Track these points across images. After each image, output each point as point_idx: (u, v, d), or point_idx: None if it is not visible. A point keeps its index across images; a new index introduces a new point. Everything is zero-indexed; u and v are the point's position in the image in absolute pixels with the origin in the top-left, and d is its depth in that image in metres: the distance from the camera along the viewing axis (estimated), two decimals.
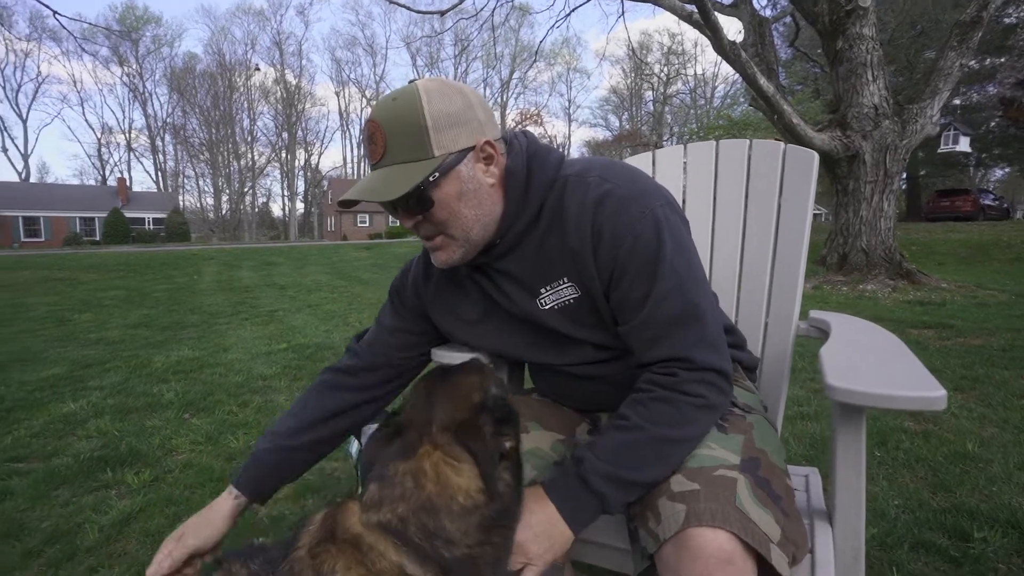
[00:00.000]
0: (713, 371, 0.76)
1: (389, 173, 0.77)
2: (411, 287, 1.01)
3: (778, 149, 1.32)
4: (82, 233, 33.49)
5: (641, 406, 0.76)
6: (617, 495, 0.74)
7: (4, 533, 1.65)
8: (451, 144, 0.77)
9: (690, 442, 0.76)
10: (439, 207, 0.78)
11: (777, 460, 0.80)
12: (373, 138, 0.78)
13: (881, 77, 6.72)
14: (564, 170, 0.85)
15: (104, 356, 3.93)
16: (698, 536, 0.65)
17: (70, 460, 2.12)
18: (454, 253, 0.83)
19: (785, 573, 0.66)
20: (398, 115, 0.76)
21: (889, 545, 1.44)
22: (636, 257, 0.76)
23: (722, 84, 46.67)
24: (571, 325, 0.86)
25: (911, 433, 2.17)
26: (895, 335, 1.00)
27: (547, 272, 0.85)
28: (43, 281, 9.70)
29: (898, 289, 6.24)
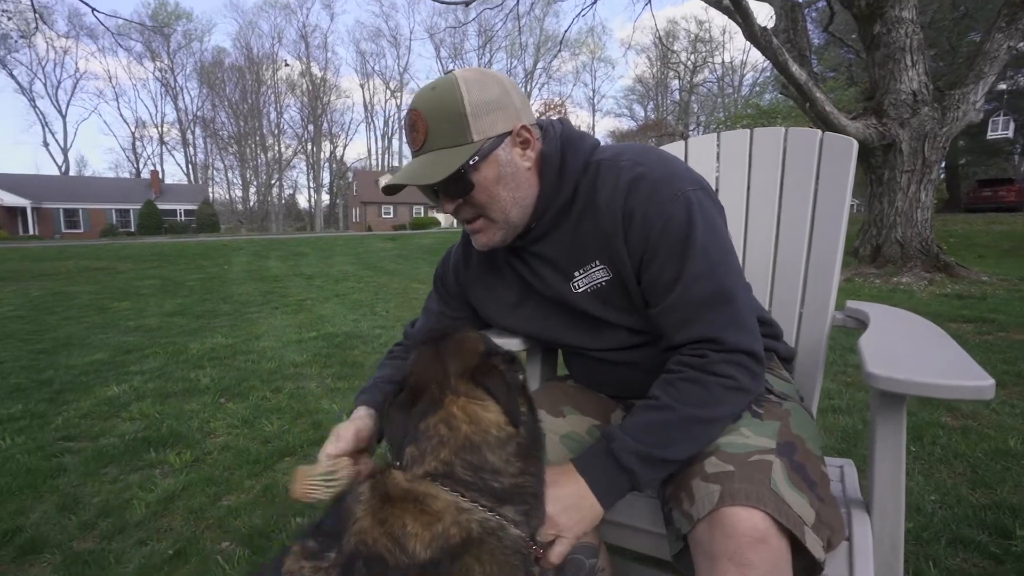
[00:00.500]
0: (743, 353, 0.76)
1: (431, 158, 0.79)
2: (452, 273, 1.04)
3: (815, 137, 1.29)
4: (118, 224, 34.66)
5: (671, 386, 0.77)
6: (646, 472, 0.75)
7: (61, 506, 1.74)
8: (489, 129, 0.79)
9: (720, 422, 0.77)
10: (479, 190, 0.81)
11: (813, 447, 0.80)
12: (415, 126, 0.80)
13: (921, 62, 6.46)
14: (597, 155, 0.87)
15: (143, 342, 4.08)
16: (732, 515, 0.65)
17: (116, 440, 2.23)
18: (494, 235, 0.86)
19: (819, 556, 0.67)
20: (438, 103, 0.79)
21: (925, 540, 1.41)
22: (667, 238, 0.78)
23: (750, 72, 45.52)
24: (603, 308, 0.88)
25: (948, 428, 2.12)
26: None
27: (580, 255, 0.87)
28: (84, 271, 10.09)
29: (934, 282, 6.04)
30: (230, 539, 1.55)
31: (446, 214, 0.93)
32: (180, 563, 1.45)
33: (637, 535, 0.88)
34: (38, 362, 3.57)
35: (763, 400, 0.84)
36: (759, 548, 0.64)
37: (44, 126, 62.14)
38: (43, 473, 1.96)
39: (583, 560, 0.86)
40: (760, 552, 0.64)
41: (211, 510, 1.71)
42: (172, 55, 55.31)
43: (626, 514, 0.89)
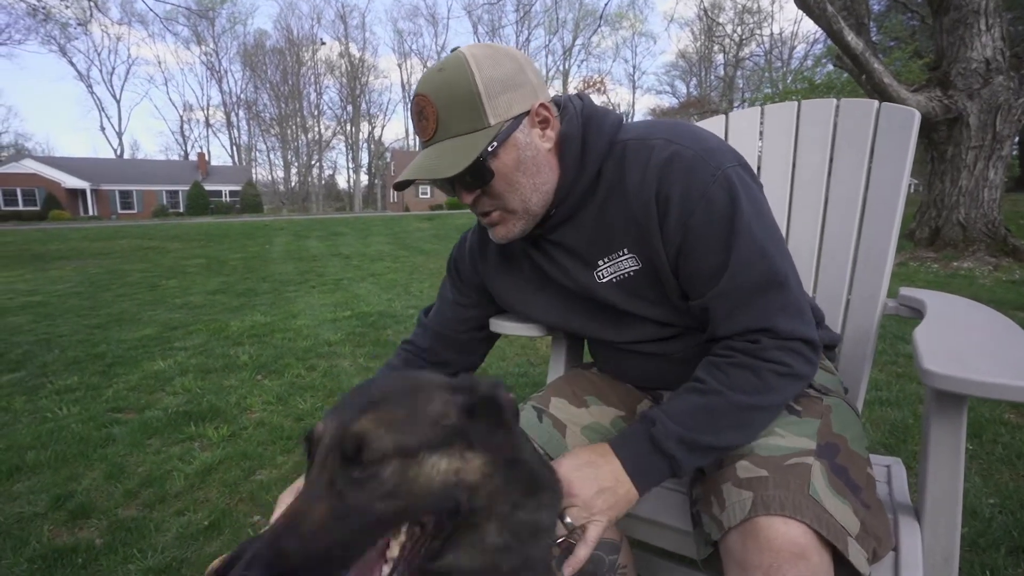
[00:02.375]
0: (799, 340, 0.71)
1: (445, 148, 0.73)
2: (468, 260, 0.99)
3: (871, 108, 1.18)
4: (168, 205, 36.22)
5: (719, 371, 0.72)
6: (689, 458, 0.70)
7: (109, 474, 1.84)
8: (506, 110, 0.73)
9: (771, 410, 0.71)
10: (498, 179, 0.75)
11: (858, 448, 0.73)
12: (423, 113, 0.74)
13: (997, 26, 5.91)
14: (623, 133, 0.79)
15: (188, 320, 4.26)
16: (768, 527, 0.60)
17: (160, 413, 2.33)
18: (514, 227, 0.80)
19: (864, 570, 0.61)
20: (448, 86, 0.72)
21: (982, 547, 1.31)
22: (709, 225, 0.71)
23: (801, 44, 43.06)
24: (630, 300, 0.82)
25: (1012, 426, 1.96)
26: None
27: (606, 243, 0.80)
28: (136, 250, 10.60)
29: (1000, 267, 5.62)
30: (261, 513, 1.59)
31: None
32: (214, 534, 1.50)
33: (663, 531, 0.84)
34: (93, 336, 3.77)
35: (801, 395, 0.77)
36: (798, 564, 0.58)
37: (100, 111, 65.19)
38: (94, 442, 2.07)
39: (603, 556, 0.83)
40: (799, 568, 0.58)
41: (244, 484, 1.76)
42: (216, 39, 56.82)
43: (652, 509, 0.85)
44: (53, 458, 1.95)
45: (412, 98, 0.77)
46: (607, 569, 0.84)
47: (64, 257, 9.63)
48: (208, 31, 55.96)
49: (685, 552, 0.81)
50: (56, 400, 2.53)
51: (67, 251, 10.58)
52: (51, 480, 1.81)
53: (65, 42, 48.03)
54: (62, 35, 45.96)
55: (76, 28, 37.55)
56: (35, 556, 1.42)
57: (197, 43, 56.91)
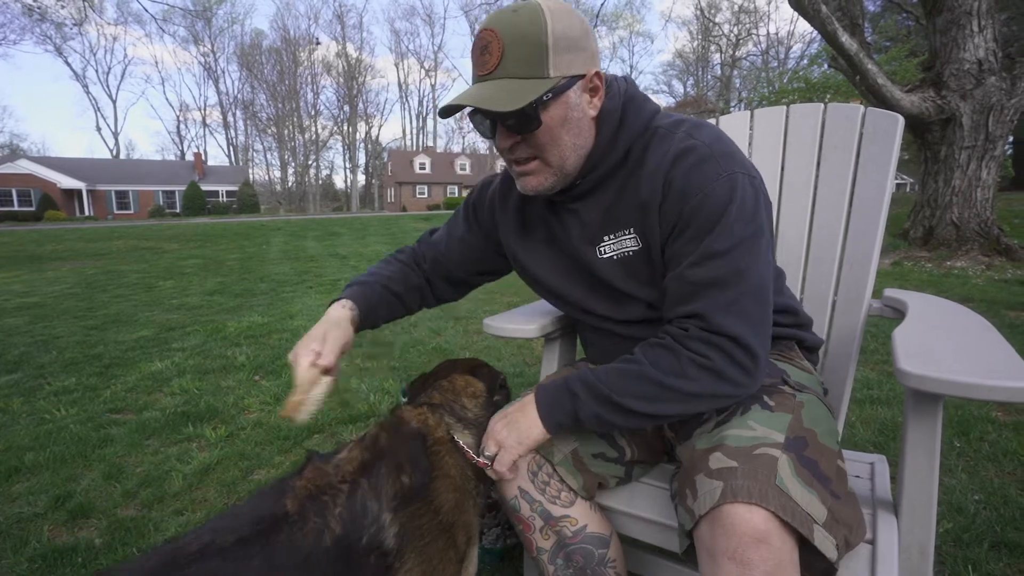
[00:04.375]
0: (727, 337, 0.73)
1: (501, 85, 0.74)
2: (488, 206, 1.03)
3: (856, 113, 1.21)
4: (164, 205, 36.12)
5: (647, 347, 0.78)
6: (590, 404, 0.77)
7: (108, 474, 1.85)
8: (566, 68, 0.76)
9: (686, 399, 0.74)
10: (543, 129, 0.77)
11: (828, 441, 0.75)
12: (488, 48, 0.75)
13: (990, 27, 5.96)
14: (656, 121, 0.84)
15: (185, 320, 4.26)
16: (732, 514, 0.63)
17: (158, 414, 2.34)
18: (545, 180, 0.83)
19: (831, 555, 0.64)
20: (519, 28, 0.74)
21: (966, 542, 1.34)
22: (700, 214, 0.75)
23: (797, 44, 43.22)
24: (626, 278, 0.86)
25: (999, 424, 1.99)
26: (986, 317, 0.90)
27: (614, 221, 0.85)
28: (133, 250, 10.59)
29: (993, 267, 5.66)
30: None
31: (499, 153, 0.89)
32: None
33: (649, 527, 0.86)
34: (90, 337, 3.77)
35: (775, 391, 0.80)
36: (759, 548, 0.62)
37: (96, 111, 65.18)
38: (92, 443, 2.08)
39: (592, 550, 0.86)
40: (761, 551, 0.61)
41: (242, 484, 1.78)
42: (213, 39, 56.69)
43: (640, 506, 0.88)
44: (52, 459, 1.96)
45: (478, 31, 0.78)
46: (597, 562, 0.86)
47: (60, 258, 9.61)
48: (205, 31, 55.88)
49: (671, 547, 0.83)
50: (54, 401, 2.54)
51: (63, 252, 10.56)
52: (50, 481, 1.82)
53: (61, 42, 47.92)
54: (58, 35, 45.83)
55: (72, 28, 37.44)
56: (35, 556, 1.43)
57: (194, 43, 56.82)
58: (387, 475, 0.78)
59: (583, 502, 0.87)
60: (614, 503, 0.89)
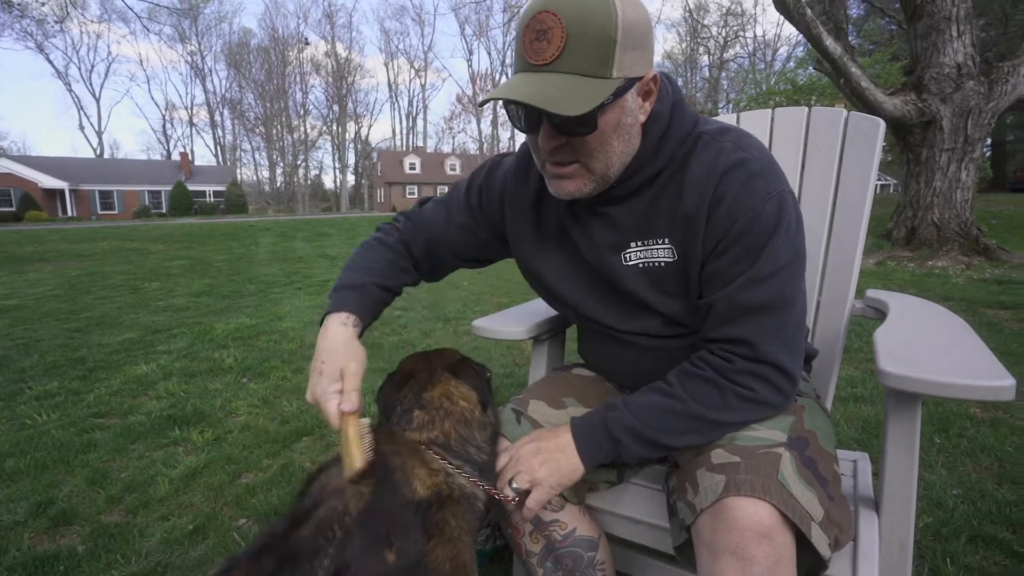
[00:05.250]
0: (772, 366, 0.72)
1: (562, 81, 0.65)
2: (497, 196, 0.93)
3: (839, 117, 1.23)
4: (150, 205, 35.62)
5: (688, 379, 0.75)
6: (634, 447, 0.75)
7: (91, 480, 1.82)
8: (629, 68, 0.67)
9: (725, 427, 0.74)
10: (595, 134, 0.70)
11: (826, 444, 0.77)
12: (547, 34, 0.64)
13: (968, 32, 6.08)
14: (699, 126, 0.79)
15: (171, 322, 4.21)
16: (736, 508, 0.64)
17: (143, 418, 2.31)
18: (585, 186, 0.76)
19: (824, 553, 0.65)
20: (587, 16, 0.63)
21: (944, 536, 1.37)
22: (749, 233, 0.72)
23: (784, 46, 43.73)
24: (649, 289, 0.81)
25: (977, 420, 2.04)
26: (965, 316, 0.93)
27: (647, 228, 0.79)
28: (117, 251, 10.43)
29: (972, 266, 5.78)
30: (247, 516, 1.60)
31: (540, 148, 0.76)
32: (199, 539, 1.51)
33: (639, 527, 0.87)
34: (73, 340, 3.71)
35: None
36: (763, 543, 0.62)
37: (79, 109, 64.04)
38: (75, 448, 2.05)
39: (582, 553, 0.86)
40: (763, 547, 0.62)
41: (230, 488, 1.76)
42: (200, 37, 56.03)
43: (629, 506, 0.88)
44: (33, 465, 1.93)
45: (533, 12, 0.65)
46: (586, 565, 0.87)
47: (42, 259, 9.43)
48: (192, 29, 55.21)
49: (661, 547, 0.84)
50: (35, 406, 2.49)
51: (45, 253, 10.37)
52: (31, 487, 1.79)
53: (42, 39, 47.03)
54: (39, 31, 44.98)
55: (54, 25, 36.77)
56: (15, 564, 1.41)
57: (181, 41, 56.12)
58: (367, 551, 0.62)
59: (572, 506, 0.87)
60: (604, 504, 0.90)
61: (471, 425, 0.80)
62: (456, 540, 0.71)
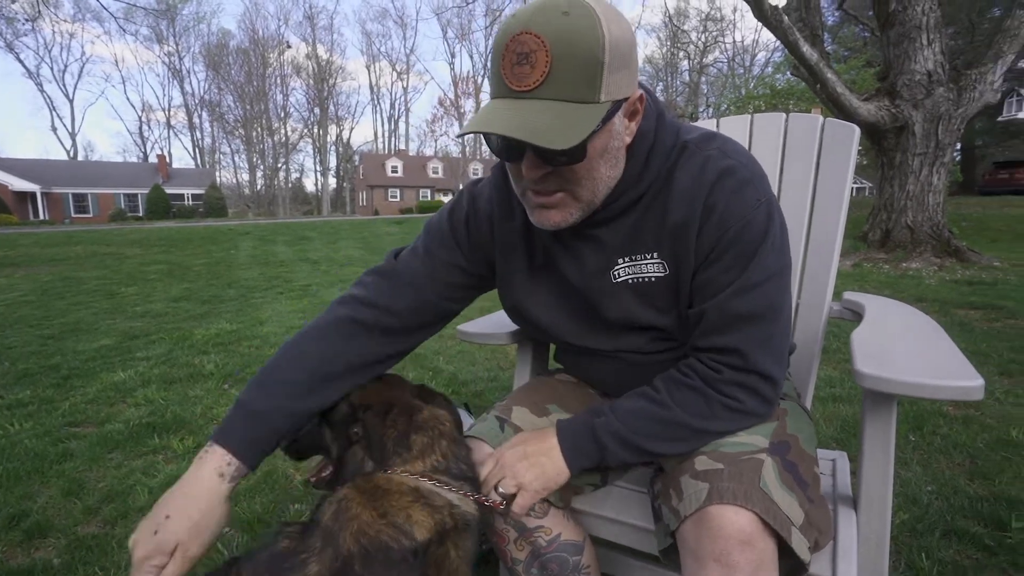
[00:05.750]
0: (759, 375, 0.73)
1: (549, 111, 0.61)
2: (486, 222, 0.87)
3: (816, 124, 1.26)
4: (126, 209, 34.85)
5: (675, 386, 0.76)
6: (619, 452, 0.76)
7: (67, 491, 1.78)
8: (616, 90, 0.64)
9: (710, 436, 0.75)
10: (583, 163, 0.67)
11: (808, 447, 0.79)
12: (531, 57, 0.59)
13: (938, 41, 6.27)
14: (682, 135, 0.76)
15: (149, 328, 4.13)
16: (718, 516, 0.65)
17: (121, 426, 2.26)
18: (570, 215, 0.73)
19: (804, 557, 0.66)
20: (573, 37, 0.59)
21: (920, 531, 1.41)
22: (740, 242, 0.71)
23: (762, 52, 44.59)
24: (639, 305, 0.80)
25: (950, 418, 2.10)
26: (937, 317, 0.96)
27: (634, 243, 0.78)
28: (92, 256, 10.18)
29: (944, 267, 5.95)
30: (229, 525, 1.57)
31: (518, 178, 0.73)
32: None
33: (624, 529, 0.88)
34: (47, 347, 3.62)
35: None
36: (745, 549, 0.64)
37: (52, 110, 62.47)
38: (50, 458, 2.00)
39: (567, 558, 0.87)
40: (746, 553, 0.64)
41: None
42: (178, 38, 55.10)
43: (615, 509, 0.89)
44: (5, 476, 1.87)
45: (512, 33, 0.61)
46: (572, 569, 0.87)
47: (13, 264, 9.16)
48: (169, 30, 54.25)
49: (647, 549, 0.85)
50: (7, 415, 2.42)
51: (16, 257, 10.07)
52: (3, 499, 1.74)
53: (12, 38, 45.82)
54: (9, 30, 43.82)
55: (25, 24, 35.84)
56: None
57: (158, 42, 55.11)
58: None
59: (557, 511, 0.87)
60: (588, 507, 0.91)
61: (459, 443, 0.83)
62: (456, 571, 0.72)
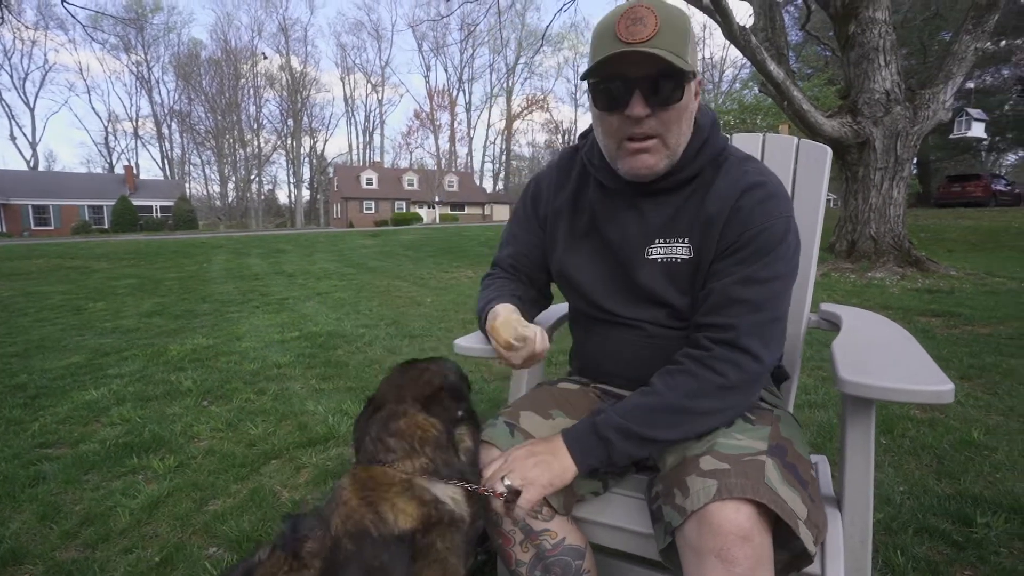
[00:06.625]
0: (746, 352, 0.81)
1: (663, 51, 0.78)
2: (545, 196, 1.06)
3: (791, 144, 1.33)
4: (91, 221, 33.70)
5: (667, 375, 0.84)
6: (622, 444, 0.82)
7: (41, 515, 1.72)
8: (694, 63, 0.84)
9: (705, 416, 0.81)
10: (677, 107, 0.83)
11: (802, 451, 0.84)
12: (643, 19, 0.79)
13: (893, 62, 6.62)
14: (729, 150, 0.94)
15: (121, 344, 4.01)
16: (719, 513, 0.69)
17: (97, 446, 2.19)
18: (659, 162, 0.88)
19: (811, 549, 0.71)
20: (672, 13, 0.81)
21: (894, 530, 1.48)
22: (756, 242, 0.84)
23: (730, 68, 46.01)
24: (663, 282, 0.92)
25: (917, 421, 2.20)
26: (902, 324, 1.03)
27: (672, 228, 0.92)
28: (56, 270, 9.82)
29: (906, 277, 6.22)
30: (217, 544, 1.55)
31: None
32: (167, 570, 1.45)
33: (623, 535, 0.91)
34: (10, 366, 3.48)
35: (755, 407, 0.89)
36: (744, 545, 0.68)
37: (11, 119, 60.17)
38: (21, 482, 1.93)
39: (570, 562, 0.89)
40: (745, 549, 0.68)
41: (197, 516, 1.70)
42: (147, 47, 53.90)
43: (615, 516, 0.92)
44: None
45: (625, 7, 0.81)
46: (574, 573, 0.90)
47: None
48: (138, 39, 53.04)
49: (646, 554, 0.88)
50: None
51: None
52: None
53: None
54: None
55: None
56: None
57: (125, 51, 53.79)
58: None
59: (561, 516, 0.90)
60: (588, 514, 0.93)
61: (446, 450, 0.87)
62: (444, 561, 0.77)
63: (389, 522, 0.74)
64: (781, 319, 0.86)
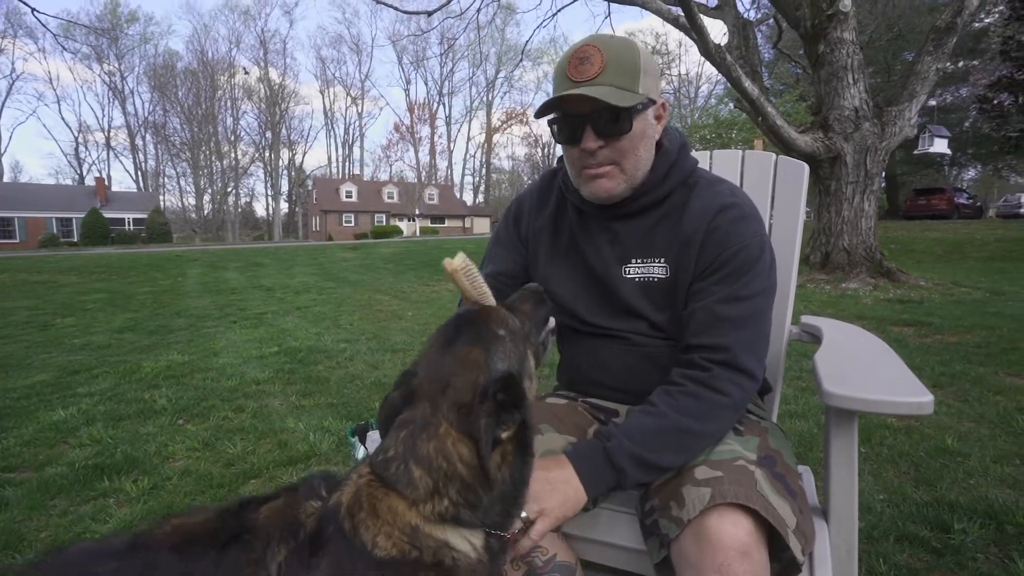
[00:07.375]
0: (744, 372, 0.83)
1: (605, 89, 0.83)
2: (527, 215, 1.10)
3: (769, 161, 1.37)
4: (59, 234, 32.71)
5: (670, 397, 0.84)
6: (636, 473, 0.81)
7: (3, 545, 1.63)
8: (648, 90, 0.88)
9: (710, 437, 0.82)
10: (629, 136, 0.88)
11: (790, 461, 0.86)
12: (589, 59, 0.85)
13: (861, 80, 6.87)
14: (699, 173, 0.97)
15: (91, 362, 3.88)
16: (718, 528, 0.70)
17: (64, 469, 2.11)
18: (617, 186, 0.92)
19: (800, 558, 0.72)
20: (617, 48, 0.86)
21: (875, 538, 1.50)
22: (735, 261, 0.87)
23: (706, 84, 47.22)
24: (642, 300, 0.96)
25: (894, 429, 2.25)
26: (876, 334, 1.06)
27: (647, 248, 0.96)
28: (21, 284, 9.49)
29: (879, 287, 6.39)
30: None
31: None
32: None
33: (614, 551, 0.90)
34: None
35: (743, 419, 0.90)
36: (744, 561, 0.68)
37: None
38: None
39: None
40: (744, 565, 0.68)
41: None
42: (121, 57, 52.97)
43: (605, 532, 0.91)
44: None
45: (576, 47, 0.87)
46: None
47: None
48: (111, 49, 52.10)
49: (636, 569, 0.88)
50: None
51: None
52: None
53: None
54: None
55: None
56: None
57: (98, 61, 52.76)
58: None
59: (552, 533, 0.89)
60: (578, 530, 0.92)
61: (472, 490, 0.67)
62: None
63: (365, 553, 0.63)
64: (767, 334, 0.89)
